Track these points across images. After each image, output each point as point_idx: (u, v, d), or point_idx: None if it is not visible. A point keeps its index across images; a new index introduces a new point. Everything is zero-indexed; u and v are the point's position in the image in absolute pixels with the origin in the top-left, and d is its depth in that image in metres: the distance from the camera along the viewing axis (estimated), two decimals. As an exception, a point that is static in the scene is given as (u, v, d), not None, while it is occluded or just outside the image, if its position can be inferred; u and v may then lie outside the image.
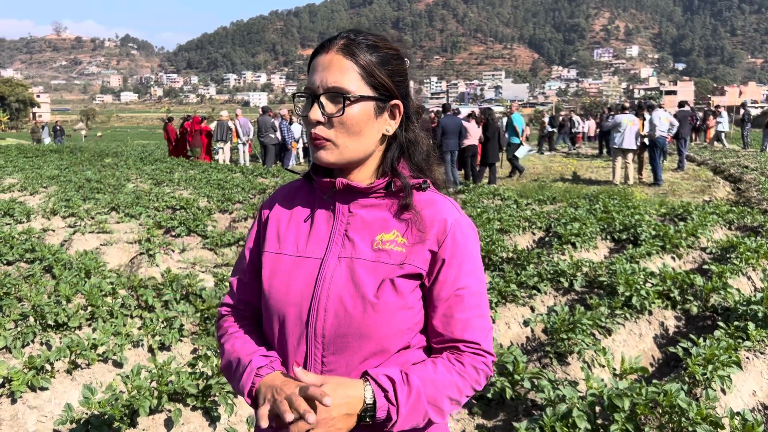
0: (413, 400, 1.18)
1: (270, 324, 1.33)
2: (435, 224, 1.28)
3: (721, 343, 3.69)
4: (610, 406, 2.83)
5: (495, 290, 4.83)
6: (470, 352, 1.29)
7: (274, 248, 1.34)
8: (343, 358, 1.24)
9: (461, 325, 1.28)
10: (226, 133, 17.96)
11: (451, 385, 1.24)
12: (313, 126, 1.26)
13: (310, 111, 1.26)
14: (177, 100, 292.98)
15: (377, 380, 1.18)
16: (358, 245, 1.27)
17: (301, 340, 1.27)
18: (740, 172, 14.47)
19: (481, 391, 3.38)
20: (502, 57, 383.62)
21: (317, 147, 1.27)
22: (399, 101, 1.30)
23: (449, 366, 1.26)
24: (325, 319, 1.24)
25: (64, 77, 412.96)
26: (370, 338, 1.23)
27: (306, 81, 1.31)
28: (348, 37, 1.27)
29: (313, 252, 1.30)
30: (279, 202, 1.41)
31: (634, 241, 6.91)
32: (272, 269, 1.32)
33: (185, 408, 3.17)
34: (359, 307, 1.22)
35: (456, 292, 1.28)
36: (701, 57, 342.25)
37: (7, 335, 3.73)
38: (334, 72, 1.24)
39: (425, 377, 1.22)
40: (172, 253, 6.40)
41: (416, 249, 1.26)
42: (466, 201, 9.31)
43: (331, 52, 1.25)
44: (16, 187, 10.87)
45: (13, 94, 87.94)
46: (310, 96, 1.28)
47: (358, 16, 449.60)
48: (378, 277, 1.24)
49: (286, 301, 1.28)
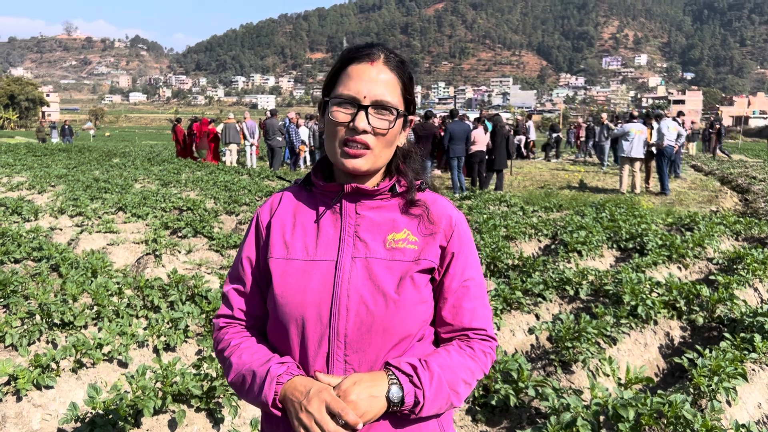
0: (436, 384, 1.25)
1: (283, 329, 1.33)
2: (442, 220, 1.37)
3: (726, 355, 3.67)
4: (615, 416, 2.82)
5: (500, 297, 4.83)
6: (478, 338, 1.38)
7: (282, 254, 1.35)
8: (365, 354, 1.28)
9: (469, 314, 1.37)
10: (233, 136, 18.01)
11: (465, 369, 1.32)
12: (357, 133, 1.29)
13: (356, 120, 1.28)
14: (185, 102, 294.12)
15: (400, 368, 1.25)
16: (371, 245, 1.32)
17: (323, 341, 1.29)
18: (748, 183, 14.42)
19: (484, 398, 3.37)
20: (510, 63, 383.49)
21: (354, 155, 1.30)
22: (414, 116, 1.40)
23: (461, 352, 1.34)
24: (348, 319, 1.27)
25: (73, 77, 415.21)
26: (392, 333, 1.28)
27: (340, 87, 1.32)
28: (386, 51, 1.33)
29: (325, 254, 1.32)
30: (279, 209, 1.42)
31: (641, 251, 6.88)
32: (283, 275, 1.33)
33: (189, 409, 3.18)
34: (381, 304, 1.27)
35: (463, 283, 1.37)
36: (710, 67, 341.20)
37: (13, 333, 3.75)
38: (382, 86, 1.30)
39: (442, 363, 1.29)
40: (179, 254, 6.42)
41: (428, 245, 1.34)
42: (473, 207, 9.30)
43: (377, 64, 1.30)
44: (24, 185, 10.93)
45: (23, 93, 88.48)
46: (355, 104, 1.29)
47: (367, 20, 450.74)
48: (395, 274, 1.30)
49: (303, 304, 1.29)
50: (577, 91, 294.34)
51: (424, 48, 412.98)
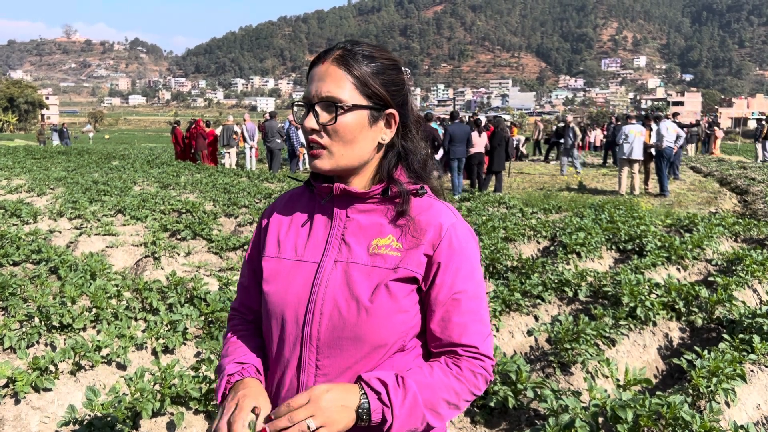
0: (409, 403, 1.19)
1: (268, 327, 1.36)
2: (430, 228, 1.29)
3: (725, 356, 3.67)
4: (613, 417, 2.82)
5: (499, 299, 4.83)
6: (468, 357, 1.29)
7: (273, 253, 1.37)
8: (337, 361, 1.26)
9: (459, 329, 1.28)
10: (232, 138, 18.02)
11: (448, 389, 1.24)
12: (309, 134, 1.29)
13: (305, 119, 1.29)
14: (185, 104, 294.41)
15: (369, 383, 1.20)
16: (354, 249, 1.29)
17: (297, 343, 1.29)
18: (747, 184, 14.43)
19: (483, 399, 3.37)
20: (509, 65, 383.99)
21: (313, 155, 1.30)
22: (394, 110, 1.31)
23: (446, 370, 1.27)
24: (321, 323, 1.26)
25: (73, 80, 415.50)
26: (365, 342, 1.24)
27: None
28: (344, 47, 1.30)
29: (311, 256, 1.32)
30: (280, 209, 1.44)
31: (640, 252, 6.89)
32: (271, 273, 1.35)
33: (188, 411, 3.18)
34: (353, 311, 1.24)
35: (453, 296, 1.28)
36: (709, 68, 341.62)
37: (12, 335, 3.75)
38: (329, 82, 1.27)
39: (421, 381, 1.22)
40: (177, 257, 6.42)
41: (411, 253, 1.27)
42: (472, 209, 9.30)
43: (327, 62, 1.28)
44: (23, 188, 10.93)
45: (23, 96, 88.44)
46: (306, 105, 1.31)
47: (366, 23, 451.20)
48: (373, 281, 1.26)
49: (284, 304, 1.30)
50: (576, 93, 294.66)
51: (423, 50, 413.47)
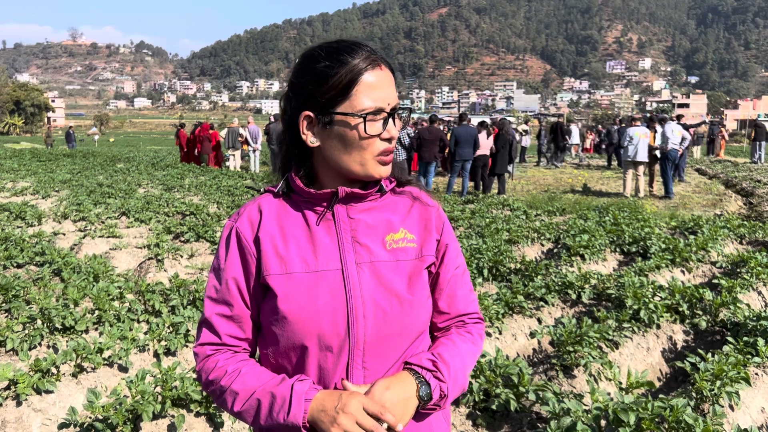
0: (453, 374, 1.29)
1: (295, 348, 1.26)
2: (430, 214, 1.38)
3: (729, 359, 3.65)
4: (616, 421, 2.80)
5: (502, 301, 4.81)
6: (473, 322, 1.43)
7: (278, 270, 1.26)
8: (383, 358, 1.28)
9: (464, 300, 1.42)
10: (237, 140, 18.06)
11: (470, 354, 1.37)
12: (389, 141, 1.28)
13: (389, 128, 1.27)
14: (190, 107, 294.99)
15: (422, 365, 1.27)
16: (372, 248, 1.29)
17: (342, 351, 1.24)
18: (752, 186, 14.36)
19: (485, 402, 3.36)
20: (514, 68, 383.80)
21: (387, 162, 1.29)
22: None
23: (463, 338, 1.39)
24: (366, 325, 1.25)
25: (79, 82, 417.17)
26: (408, 333, 1.30)
27: (362, 97, 1.23)
28: (377, 52, 1.30)
29: (328, 264, 1.26)
30: (263, 222, 1.31)
31: (644, 254, 6.86)
32: (285, 292, 1.25)
33: (189, 414, 3.17)
34: (396, 307, 1.27)
35: (455, 271, 1.40)
36: (714, 70, 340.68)
37: (14, 337, 3.76)
38: (394, 88, 1.29)
39: (453, 353, 1.33)
40: (181, 259, 6.43)
41: (426, 240, 1.35)
42: (475, 211, 9.29)
43: (384, 68, 1.28)
44: (28, 190, 10.97)
45: (29, 99, 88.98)
46: (379, 113, 1.25)
47: (371, 25, 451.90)
48: (403, 274, 1.30)
49: (317, 318, 1.23)
50: (581, 95, 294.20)
51: (428, 52, 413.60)
